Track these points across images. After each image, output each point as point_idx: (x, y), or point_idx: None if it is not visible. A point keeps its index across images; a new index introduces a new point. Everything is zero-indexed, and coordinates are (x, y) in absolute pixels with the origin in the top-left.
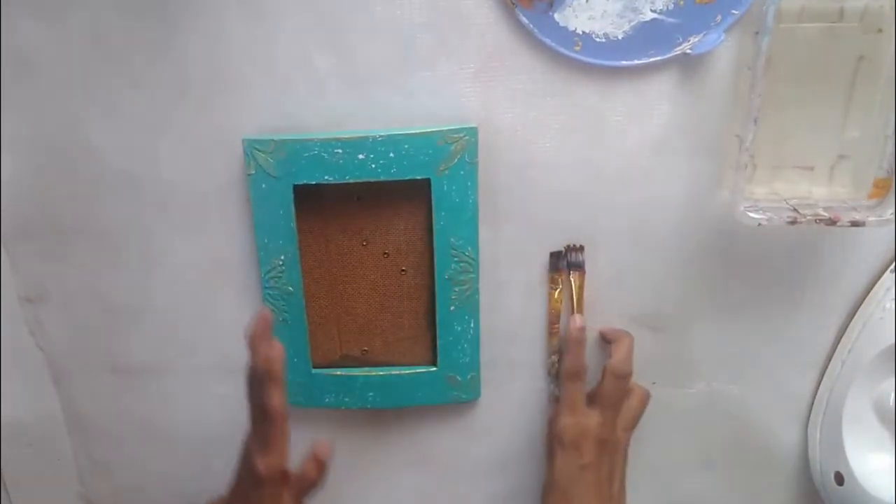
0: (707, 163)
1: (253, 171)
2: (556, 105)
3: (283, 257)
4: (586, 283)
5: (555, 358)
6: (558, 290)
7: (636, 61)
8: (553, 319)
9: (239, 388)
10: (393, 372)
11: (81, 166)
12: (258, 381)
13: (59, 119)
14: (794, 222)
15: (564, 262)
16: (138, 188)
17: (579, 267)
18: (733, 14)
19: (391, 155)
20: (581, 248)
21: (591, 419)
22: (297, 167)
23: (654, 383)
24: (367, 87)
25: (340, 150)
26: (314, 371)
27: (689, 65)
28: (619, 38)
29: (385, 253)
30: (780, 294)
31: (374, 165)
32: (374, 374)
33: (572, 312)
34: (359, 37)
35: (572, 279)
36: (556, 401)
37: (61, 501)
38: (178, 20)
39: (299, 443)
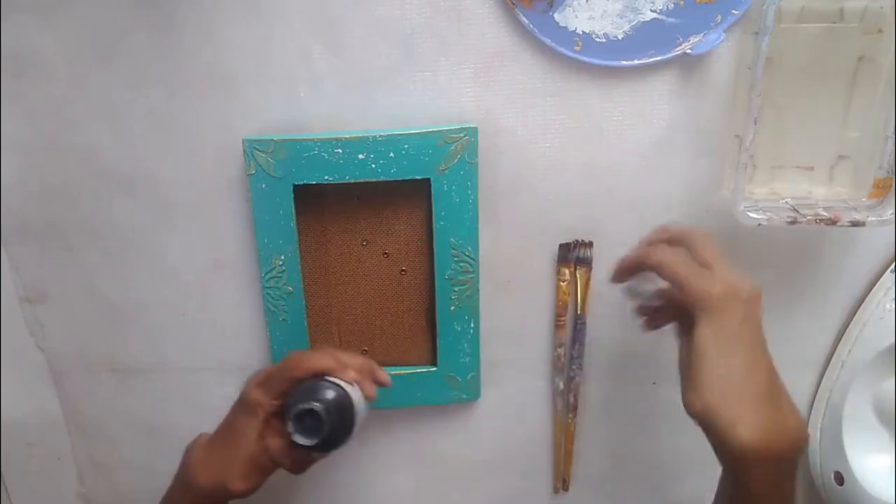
0: (707, 163)
1: (253, 171)
2: (556, 105)
3: (283, 257)
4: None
5: (561, 351)
6: (566, 282)
7: (636, 61)
8: (560, 312)
9: (238, 388)
10: (393, 372)
11: (81, 166)
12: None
13: (59, 119)
14: (794, 222)
15: (574, 256)
16: (138, 188)
17: (587, 263)
18: (733, 14)
19: (391, 155)
20: (590, 244)
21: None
22: (297, 167)
23: (654, 383)
24: (367, 87)
25: (340, 150)
26: None
27: (689, 65)
28: (619, 38)
29: (385, 253)
30: (780, 294)
31: (374, 165)
32: None
33: (576, 308)
34: (359, 37)
35: (578, 275)
36: (560, 395)
37: (61, 501)
38: (177, 21)
39: None
